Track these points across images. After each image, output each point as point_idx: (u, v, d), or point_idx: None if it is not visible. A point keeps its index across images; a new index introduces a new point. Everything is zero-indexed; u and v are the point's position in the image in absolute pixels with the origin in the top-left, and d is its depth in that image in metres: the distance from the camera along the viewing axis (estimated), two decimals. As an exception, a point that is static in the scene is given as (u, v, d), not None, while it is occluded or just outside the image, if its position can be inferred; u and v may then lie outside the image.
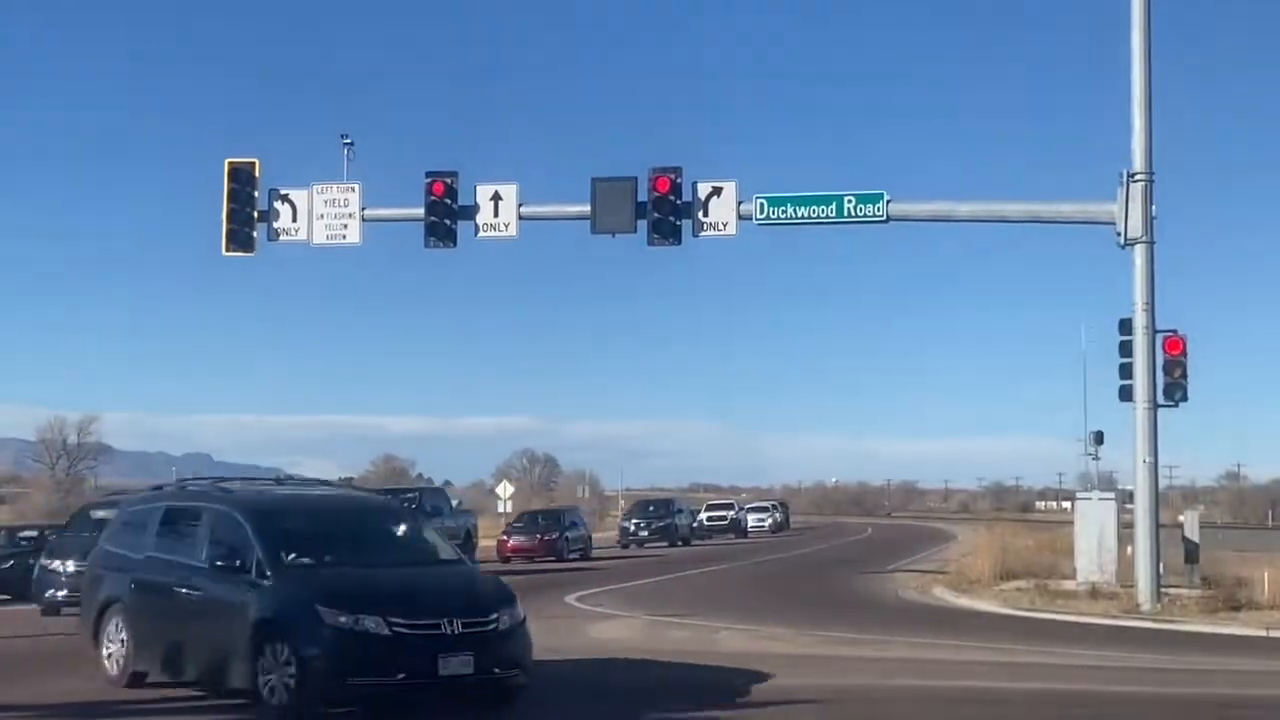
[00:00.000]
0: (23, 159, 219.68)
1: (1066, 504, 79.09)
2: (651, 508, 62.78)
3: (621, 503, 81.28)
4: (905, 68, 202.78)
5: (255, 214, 27.46)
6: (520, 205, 26.95)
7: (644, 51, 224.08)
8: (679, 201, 26.17)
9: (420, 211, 27.04)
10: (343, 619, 11.46)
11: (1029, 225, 27.55)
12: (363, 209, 27.53)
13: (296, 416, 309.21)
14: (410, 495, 35.44)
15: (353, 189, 27.67)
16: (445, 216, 26.89)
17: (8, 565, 27.87)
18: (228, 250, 27.35)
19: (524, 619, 12.55)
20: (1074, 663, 16.68)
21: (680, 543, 58.49)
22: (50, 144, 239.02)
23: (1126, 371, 24.43)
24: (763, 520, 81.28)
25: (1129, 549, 26.14)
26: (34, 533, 29.75)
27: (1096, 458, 40.90)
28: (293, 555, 12.54)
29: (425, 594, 12.14)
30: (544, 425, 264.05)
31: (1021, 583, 27.63)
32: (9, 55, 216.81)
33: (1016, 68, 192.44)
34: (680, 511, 62.48)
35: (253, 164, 27.61)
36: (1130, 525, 25.61)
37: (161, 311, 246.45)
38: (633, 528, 59.15)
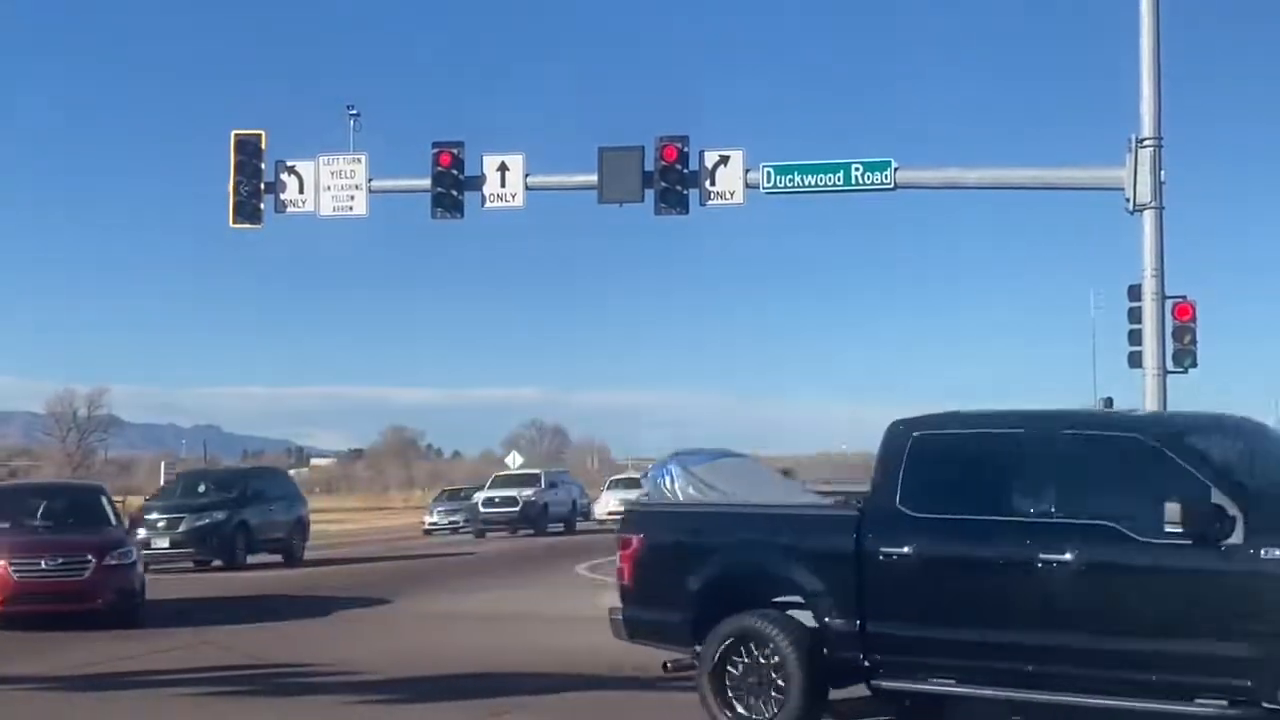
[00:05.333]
0: (24, 129, 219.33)
1: (1075, 471, 78.44)
2: (183, 486, 34.79)
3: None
4: (912, 33, 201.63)
5: (262, 186, 27.45)
6: (527, 175, 26.87)
7: (650, 19, 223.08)
8: (686, 170, 26.05)
9: (427, 182, 26.98)
10: None
11: (1038, 191, 27.44)
12: (369, 180, 27.47)
13: (306, 388, 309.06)
14: None
15: (359, 160, 27.61)
16: (452, 187, 26.84)
17: None
18: (235, 222, 27.32)
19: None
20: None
21: (251, 557, 31.59)
22: (54, 115, 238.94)
23: (1135, 338, 24.39)
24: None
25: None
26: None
27: (1106, 424, 41.10)
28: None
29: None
30: (553, 396, 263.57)
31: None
32: (7, 23, 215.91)
33: (1023, 31, 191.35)
34: (243, 498, 32.52)
35: (259, 135, 27.53)
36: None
37: (170, 284, 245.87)
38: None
